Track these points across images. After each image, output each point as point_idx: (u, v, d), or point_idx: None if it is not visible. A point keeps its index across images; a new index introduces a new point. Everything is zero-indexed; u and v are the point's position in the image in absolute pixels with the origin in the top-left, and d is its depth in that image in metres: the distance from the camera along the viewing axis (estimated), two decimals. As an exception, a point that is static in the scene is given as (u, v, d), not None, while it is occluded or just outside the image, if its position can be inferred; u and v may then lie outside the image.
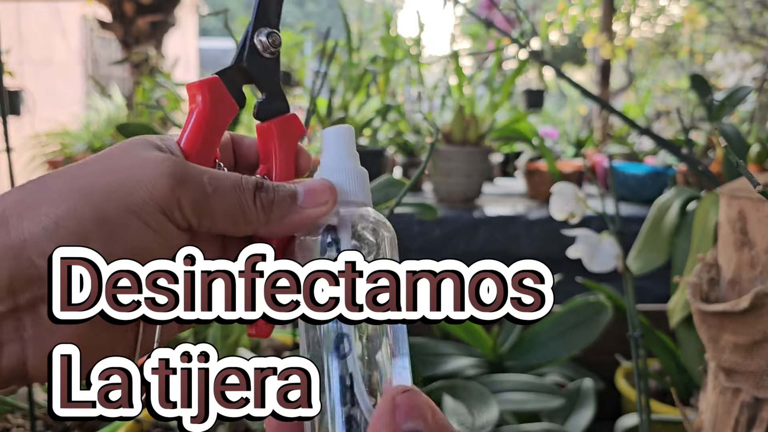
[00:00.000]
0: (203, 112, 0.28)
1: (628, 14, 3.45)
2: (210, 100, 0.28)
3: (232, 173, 0.27)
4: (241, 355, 0.81)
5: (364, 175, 0.30)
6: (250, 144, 0.31)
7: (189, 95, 0.29)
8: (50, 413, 0.23)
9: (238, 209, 0.27)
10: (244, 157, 0.31)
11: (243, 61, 0.30)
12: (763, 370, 0.51)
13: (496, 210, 1.62)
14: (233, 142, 0.31)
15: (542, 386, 0.85)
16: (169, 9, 3.04)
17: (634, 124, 0.76)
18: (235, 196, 0.27)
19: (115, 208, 0.24)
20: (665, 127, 2.10)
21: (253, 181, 0.27)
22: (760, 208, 0.51)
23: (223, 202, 0.26)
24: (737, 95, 0.82)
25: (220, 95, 0.29)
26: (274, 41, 0.30)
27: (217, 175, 0.27)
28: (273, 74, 0.30)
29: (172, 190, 0.25)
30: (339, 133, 0.29)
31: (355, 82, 1.66)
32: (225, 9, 0.65)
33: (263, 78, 0.30)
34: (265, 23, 0.30)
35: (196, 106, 0.28)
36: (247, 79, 0.30)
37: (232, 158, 0.31)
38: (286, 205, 0.28)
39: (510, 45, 1.15)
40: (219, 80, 0.29)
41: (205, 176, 0.26)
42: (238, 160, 0.31)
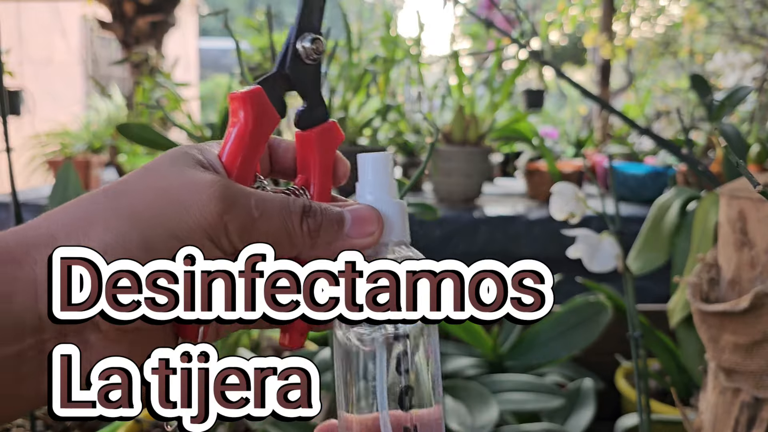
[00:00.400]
0: (246, 126, 0.27)
1: (628, 14, 3.45)
2: (253, 114, 0.27)
3: (278, 195, 0.27)
4: (241, 355, 0.81)
5: (404, 208, 0.29)
6: (286, 148, 0.30)
7: (231, 108, 0.28)
8: (50, 413, 0.23)
9: (284, 233, 0.26)
10: (279, 162, 0.31)
11: (285, 68, 0.29)
12: (763, 370, 0.51)
13: (496, 210, 1.62)
14: (269, 146, 0.31)
15: (542, 386, 0.85)
16: (169, 9, 3.04)
17: (634, 124, 0.76)
18: (281, 220, 0.26)
19: (161, 234, 0.24)
20: (665, 127, 2.10)
21: (300, 204, 0.27)
22: (760, 208, 0.51)
23: (269, 226, 0.26)
24: (737, 95, 0.82)
25: (263, 108, 0.28)
26: (318, 48, 0.29)
27: (263, 198, 0.26)
28: (315, 81, 0.29)
29: (220, 216, 0.25)
30: (378, 160, 0.29)
31: (355, 82, 1.66)
32: (225, 9, 0.65)
33: (305, 85, 0.29)
34: (309, 28, 0.29)
35: (238, 121, 0.27)
36: (289, 87, 0.29)
37: (267, 162, 0.31)
38: (333, 232, 0.27)
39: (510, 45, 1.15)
40: (262, 91, 0.28)
41: (252, 200, 0.26)
42: (274, 166, 0.31)
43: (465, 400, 0.80)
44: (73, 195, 0.80)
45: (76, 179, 0.82)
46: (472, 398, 0.80)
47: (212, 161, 0.27)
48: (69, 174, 0.81)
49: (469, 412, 0.77)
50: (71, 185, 0.80)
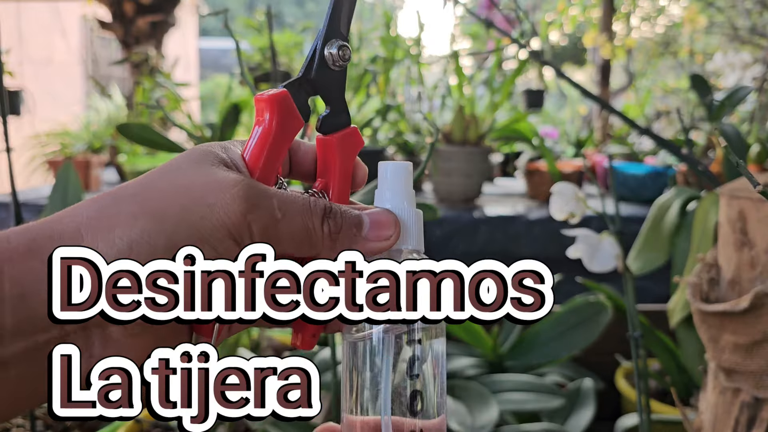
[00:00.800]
0: (270, 128, 0.28)
1: (628, 14, 3.45)
2: (278, 116, 0.28)
3: (299, 196, 0.27)
4: (241, 355, 0.81)
5: (420, 218, 0.29)
6: (306, 150, 0.31)
7: (257, 109, 0.28)
8: (50, 413, 0.23)
9: (305, 234, 0.26)
10: (299, 165, 0.31)
11: (312, 73, 0.29)
12: (763, 370, 0.51)
13: (496, 210, 1.62)
14: (290, 148, 0.31)
15: (542, 386, 0.85)
16: (169, 9, 3.04)
17: (634, 124, 0.76)
18: (303, 221, 0.26)
19: (185, 232, 0.24)
20: (665, 127, 2.10)
21: (321, 205, 0.27)
22: (760, 208, 0.51)
23: (291, 227, 0.26)
24: (737, 95, 0.82)
25: (288, 110, 0.28)
26: (344, 54, 0.29)
27: (286, 199, 0.26)
28: (339, 87, 0.30)
29: (244, 216, 0.25)
30: (399, 169, 0.29)
31: (355, 82, 1.66)
32: (225, 9, 0.65)
33: (330, 91, 0.29)
34: (337, 35, 0.29)
35: (263, 121, 0.28)
36: (314, 92, 0.29)
37: (287, 164, 0.31)
38: (352, 235, 0.27)
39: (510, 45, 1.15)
40: (288, 94, 0.28)
41: (275, 200, 0.26)
42: (293, 168, 0.31)
43: (465, 400, 0.80)
44: (73, 195, 0.79)
45: (76, 179, 0.81)
46: (472, 398, 0.81)
47: (235, 160, 0.27)
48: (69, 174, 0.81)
49: (469, 412, 0.77)
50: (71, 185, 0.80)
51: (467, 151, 1.62)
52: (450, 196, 1.69)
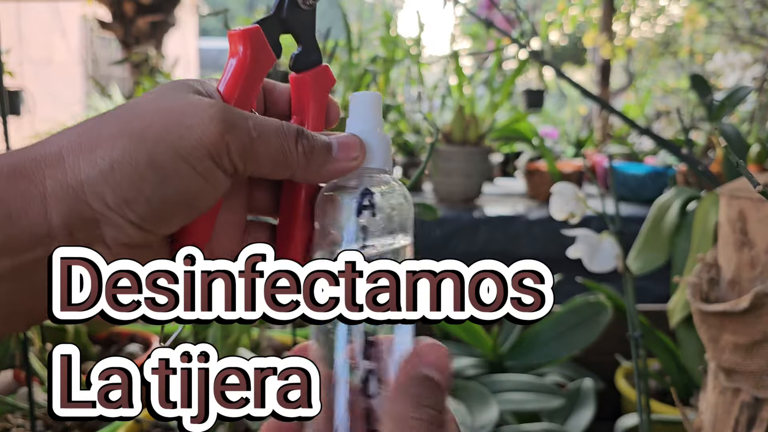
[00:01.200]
0: (244, 61, 0.28)
1: (628, 14, 3.45)
2: (251, 49, 0.28)
3: (273, 119, 0.28)
4: (241, 355, 0.81)
5: (388, 141, 0.30)
6: (281, 91, 0.32)
7: (230, 43, 0.29)
8: (50, 413, 0.23)
9: (281, 154, 0.27)
10: (274, 105, 0.32)
11: (283, 12, 0.30)
12: (763, 370, 0.51)
13: (496, 210, 1.62)
14: (264, 89, 0.32)
15: (542, 386, 0.85)
16: (169, 9, 3.04)
17: (634, 124, 0.76)
18: (278, 141, 0.27)
19: (165, 152, 0.25)
20: (665, 127, 2.10)
21: (294, 127, 0.28)
22: (760, 208, 0.51)
23: (267, 147, 0.27)
24: (737, 95, 0.82)
25: (261, 45, 0.29)
26: None
27: (260, 121, 0.27)
28: (310, 26, 0.31)
29: (222, 135, 0.25)
30: (367, 98, 0.30)
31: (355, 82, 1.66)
32: (225, 9, 0.65)
33: (301, 30, 0.30)
34: None
35: (236, 55, 0.29)
36: (285, 30, 0.30)
37: (262, 105, 0.32)
38: (324, 154, 0.28)
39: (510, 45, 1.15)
40: (260, 30, 0.29)
41: (251, 121, 0.27)
42: (269, 107, 0.32)
43: (465, 400, 0.80)
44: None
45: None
46: (472, 398, 0.81)
47: (210, 92, 0.28)
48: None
49: (469, 412, 0.78)
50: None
51: (467, 151, 1.62)
52: (450, 196, 1.69)
